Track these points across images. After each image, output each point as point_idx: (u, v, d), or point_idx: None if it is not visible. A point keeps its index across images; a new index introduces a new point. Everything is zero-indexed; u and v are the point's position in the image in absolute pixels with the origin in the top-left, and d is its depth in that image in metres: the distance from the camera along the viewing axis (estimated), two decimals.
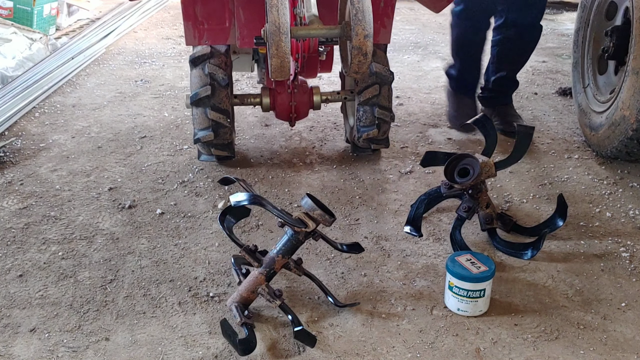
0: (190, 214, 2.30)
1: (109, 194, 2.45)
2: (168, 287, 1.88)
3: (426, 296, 1.85)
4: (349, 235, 2.18)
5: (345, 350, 1.63)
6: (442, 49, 4.82)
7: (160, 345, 1.64)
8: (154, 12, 5.93)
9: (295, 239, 1.67)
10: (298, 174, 2.64)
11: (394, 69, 2.80)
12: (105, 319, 1.74)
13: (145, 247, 2.09)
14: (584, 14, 3.04)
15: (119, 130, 3.10)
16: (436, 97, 3.65)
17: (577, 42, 3.12)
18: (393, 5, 2.53)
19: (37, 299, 1.82)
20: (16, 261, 2.00)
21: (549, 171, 2.66)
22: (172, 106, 3.45)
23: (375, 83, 2.54)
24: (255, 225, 2.22)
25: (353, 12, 1.85)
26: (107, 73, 4.08)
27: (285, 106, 2.64)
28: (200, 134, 2.52)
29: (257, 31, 2.28)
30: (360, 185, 2.54)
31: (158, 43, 4.91)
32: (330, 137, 3.04)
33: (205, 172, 2.63)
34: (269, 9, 1.83)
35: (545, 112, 3.40)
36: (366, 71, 1.99)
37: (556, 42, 5.08)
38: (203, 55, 2.45)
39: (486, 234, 2.14)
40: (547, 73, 4.17)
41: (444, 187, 2.12)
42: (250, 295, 1.69)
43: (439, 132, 3.10)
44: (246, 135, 3.04)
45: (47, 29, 4.86)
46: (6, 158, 2.74)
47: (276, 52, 1.85)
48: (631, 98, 2.39)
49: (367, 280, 1.92)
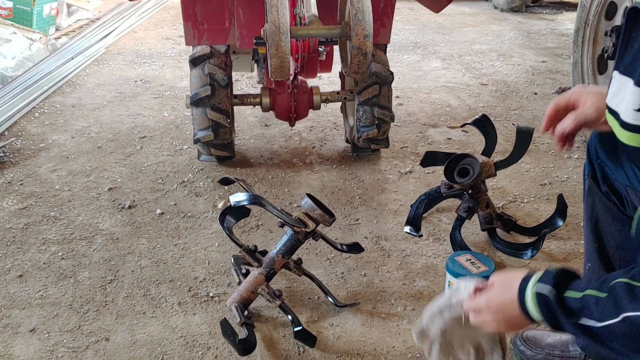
0: (190, 214, 2.30)
1: (109, 194, 2.45)
2: (168, 287, 1.88)
3: (426, 296, 1.85)
4: (349, 235, 2.18)
5: (345, 350, 1.63)
6: (441, 49, 4.82)
7: (160, 345, 1.64)
8: (154, 12, 5.94)
9: (295, 239, 1.67)
10: (298, 174, 2.64)
11: (394, 69, 2.81)
12: (105, 319, 1.74)
13: (145, 247, 2.09)
14: (584, 13, 3.04)
15: (118, 130, 3.10)
16: (436, 97, 3.65)
17: (577, 42, 3.11)
18: (393, 5, 2.53)
19: (37, 299, 1.81)
20: (16, 261, 2.00)
21: (549, 171, 2.66)
22: (172, 106, 3.45)
23: (375, 83, 2.54)
24: (255, 225, 2.22)
25: (353, 12, 1.85)
26: (106, 73, 4.08)
27: (285, 106, 2.64)
28: (200, 134, 2.52)
29: (256, 31, 2.28)
30: (360, 185, 2.54)
31: (158, 43, 4.91)
32: (330, 137, 3.04)
33: (205, 172, 2.63)
34: (269, 9, 1.83)
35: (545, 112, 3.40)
36: (366, 71, 1.99)
37: (556, 42, 5.08)
38: (203, 55, 2.45)
39: (486, 234, 2.14)
40: (547, 73, 4.17)
41: (444, 187, 2.12)
42: (250, 295, 1.69)
43: (439, 132, 3.10)
44: (246, 135, 3.04)
45: (46, 29, 4.86)
46: (6, 158, 2.74)
47: (276, 52, 1.85)
48: None
49: (367, 280, 1.92)
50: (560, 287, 0.97)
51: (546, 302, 0.97)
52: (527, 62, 4.43)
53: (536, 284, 0.99)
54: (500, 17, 6.13)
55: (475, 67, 4.31)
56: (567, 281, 0.98)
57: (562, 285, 0.97)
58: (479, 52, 4.74)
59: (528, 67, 4.30)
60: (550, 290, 0.97)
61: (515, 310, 1.02)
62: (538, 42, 5.07)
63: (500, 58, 4.55)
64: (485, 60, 4.48)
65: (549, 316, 0.97)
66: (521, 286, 1.02)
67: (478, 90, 3.80)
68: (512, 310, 1.03)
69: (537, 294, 0.98)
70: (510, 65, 4.35)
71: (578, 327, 0.94)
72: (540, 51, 4.77)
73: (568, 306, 0.95)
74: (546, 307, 0.97)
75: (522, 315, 1.01)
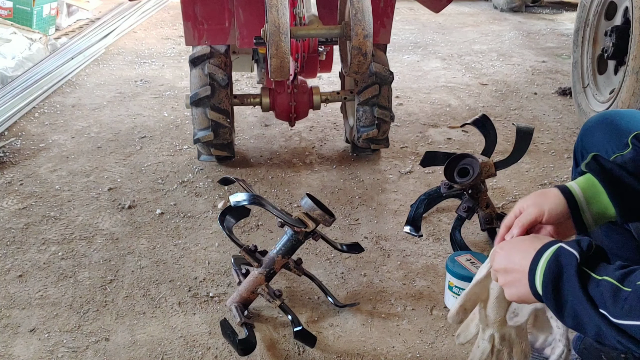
0: (190, 214, 2.30)
1: (109, 194, 2.45)
2: (168, 287, 1.88)
3: (426, 296, 1.85)
4: (348, 235, 2.18)
5: (345, 350, 1.62)
6: (441, 49, 4.82)
7: (160, 346, 1.64)
8: (154, 12, 5.94)
9: (295, 239, 1.67)
10: (298, 174, 2.64)
11: (394, 69, 2.81)
12: (105, 319, 1.74)
13: (145, 247, 2.09)
14: (584, 13, 3.04)
15: (118, 130, 3.10)
16: (436, 97, 3.66)
17: (577, 42, 3.12)
18: (393, 5, 2.53)
19: (37, 299, 1.81)
20: (16, 261, 2.00)
21: (549, 171, 2.66)
22: (172, 106, 3.45)
23: (375, 83, 2.54)
24: (255, 225, 2.22)
25: (353, 12, 1.85)
26: (106, 73, 4.08)
27: (285, 106, 2.64)
28: (200, 134, 2.52)
29: (256, 31, 2.28)
30: (360, 185, 2.54)
31: (158, 43, 4.91)
32: (330, 137, 3.04)
33: (205, 172, 2.63)
34: (269, 9, 1.83)
35: (545, 112, 3.40)
36: (366, 71, 1.99)
37: (556, 42, 5.08)
38: (203, 55, 2.45)
39: (486, 234, 2.14)
40: (547, 73, 4.17)
41: (444, 187, 2.12)
42: (250, 296, 1.69)
43: (439, 132, 3.10)
44: (246, 135, 3.04)
45: (46, 29, 4.86)
46: (6, 158, 2.74)
47: (276, 52, 1.85)
48: (631, 98, 2.40)
49: (367, 280, 1.92)
50: (585, 260, 0.89)
51: (559, 262, 0.89)
52: (527, 62, 4.43)
53: (559, 247, 0.92)
54: (500, 17, 6.14)
55: (475, 67, 4.32)
56: (595, 259, 0.90)
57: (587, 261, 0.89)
58: (478, 52, 4.74)
59: (528, 67, 4.30)
60: (572, 254, 0.89)
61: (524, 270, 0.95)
62: (538, 42, 5.07)
63: (500, 58, 4.55)
64: (485, 60, 4.48)
65: (554, 279, 0.89)
66: (542, 249, 0.95)
67: (478, 90, 3.80)
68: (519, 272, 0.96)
69: (555, 253, 0.91)
70: (510, 65, 4.35)
71: (586, 303, 0.86)
72: (540, 51, 4.77)
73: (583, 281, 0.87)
74: (557, 266, 0.90)
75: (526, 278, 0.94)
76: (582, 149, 1.33)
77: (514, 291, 1.00)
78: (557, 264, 0.90)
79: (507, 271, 1.01)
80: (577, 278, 0.87)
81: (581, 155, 1.33)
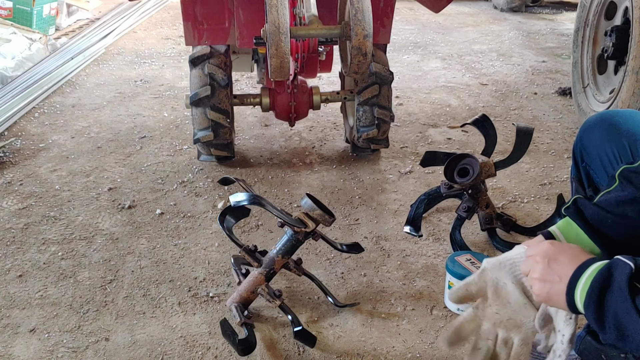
0: (190, 214, 2.30)
1: (109, 194, 2.45)
2: (168, 287, 1.88)
3: (426, 296, 1.85)
4: (348, 235, 2.18)
5: (345, 350, 1.62)
6: (441, 49, 4.82)
7: (160, 346, 1.64)
8: (154, 12, 5.94)
9: (295, 239, 1.67)
10: (298, 174, 2.64)
11: (394, 69, 2.80)
12: (105, 319, 1.74)
13: (145, 247, 2.09)
14: (584, 13, 3.05)
15: (118, 130, 3.10)
16: (436, 97, 3.66)
17: (577, 42, 3.12)
18: (393, 5, 2.53)
19: (37, 299, 1.81)
20: (16, 261, 2.00)
21: (549, 171, 2.66)
22: (172, 106, 3.45)
23: (374, 83, 2.54)
24: (255, 225, 2.22)
25: (353, 12, 1.85)
26: (106, 73, 4.08)
27: (285, 106, 2.64)
28: (200, 134, 2.52)
29: (256, 31, 2.28)
30: (360, 185, 2.54)
31: (157, 43, 4.91)
32: (330, 137, 3.04)
33: (205, 172, 2.63)
34: (269, 9, 1.83)
35: (545, 112, 3.40)
36: (366, 71, 1.99)
37: (556, 42, 5.08)
38: (203, 55, 2.45)
39: (486, 234, 2.14)
40: (547, 73, 4.17)
41: (444, 187, 2.12)
42: (250, 296, 1.69)
43: (439, 132, 3.10)
44: (246, 135, 3.04)
45: (46, 29, 4.86)
46: (6, 158, 2.74)
47: (276, 52, 1.85)
48: (631, 98, 2.40)
49: (367, 280, 1.92)
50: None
51: (611, 272, 0.88)
52: (527, 62, 4.43)
53: (616, 258, 0.90)
54: (500, 17, 6.14)
55: (475, 67, 4.32)
56: None
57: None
58: (478, 52, 4.74)
59: (528, 67, 4.30)
60: (627, 264, 0.87)
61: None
62: (538, 42, 5.07)
63: (500, 58, 4.55)
64: (485, 60, 4.48)
65: (602, 288, 0.88)
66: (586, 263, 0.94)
67: (478, 90, 3.80)
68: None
69: (609, 264, 0.90)
70: (510, 65, 4.35)
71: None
72: (540, 51, 4.77)
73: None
74: (608, 275, 0.88)
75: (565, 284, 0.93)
76: (581, 149, 1.33)
77: (547, 290, 0.99)
78: (609, 274, 0.90)
79: (545, 274, 0.99)
80: (627, 287, 0.87)
81: (580, 155, 1.33)
